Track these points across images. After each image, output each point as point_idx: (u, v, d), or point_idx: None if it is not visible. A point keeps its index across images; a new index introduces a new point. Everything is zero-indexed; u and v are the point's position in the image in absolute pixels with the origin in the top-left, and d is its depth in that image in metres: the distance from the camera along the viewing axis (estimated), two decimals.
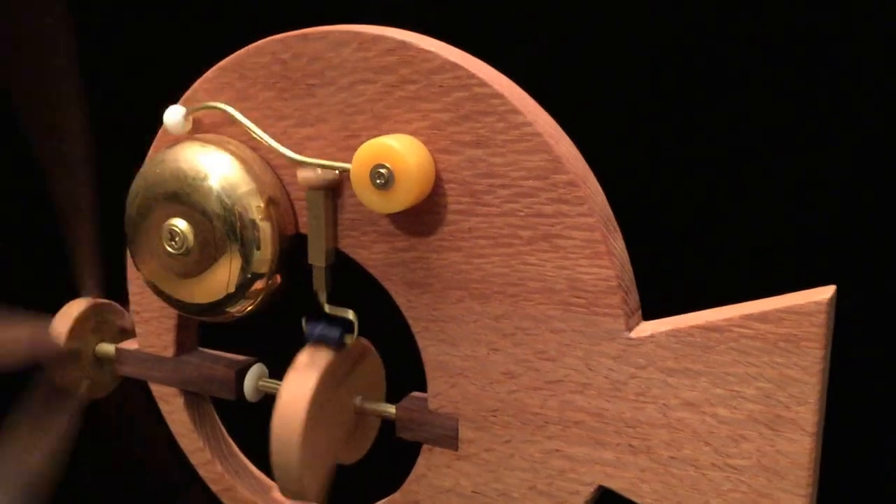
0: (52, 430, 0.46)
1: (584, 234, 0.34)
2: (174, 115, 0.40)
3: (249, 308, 0.40)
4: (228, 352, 0.45)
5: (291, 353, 0.42)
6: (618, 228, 0.35)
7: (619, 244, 0.35)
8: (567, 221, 0.34)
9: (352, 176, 0.36)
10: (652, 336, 0.34)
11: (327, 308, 0.39)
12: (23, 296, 0.46)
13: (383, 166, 0.35)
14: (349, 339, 0.39)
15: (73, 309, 0.46)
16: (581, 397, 0.35)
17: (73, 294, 0.47)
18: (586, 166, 0.35)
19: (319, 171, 0.38)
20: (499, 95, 0.34)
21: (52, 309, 0.46)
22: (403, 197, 0.35)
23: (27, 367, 0.45)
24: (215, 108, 0.39)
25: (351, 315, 0.39)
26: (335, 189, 0.38)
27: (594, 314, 0.35)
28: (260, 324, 0.42)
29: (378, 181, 0.35)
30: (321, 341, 0.39)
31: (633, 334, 0.34)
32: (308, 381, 0.38)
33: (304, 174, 0.38)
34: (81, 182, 0.46)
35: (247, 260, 0.39)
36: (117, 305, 0.48)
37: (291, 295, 0.41)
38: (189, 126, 0.40)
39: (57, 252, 0.47)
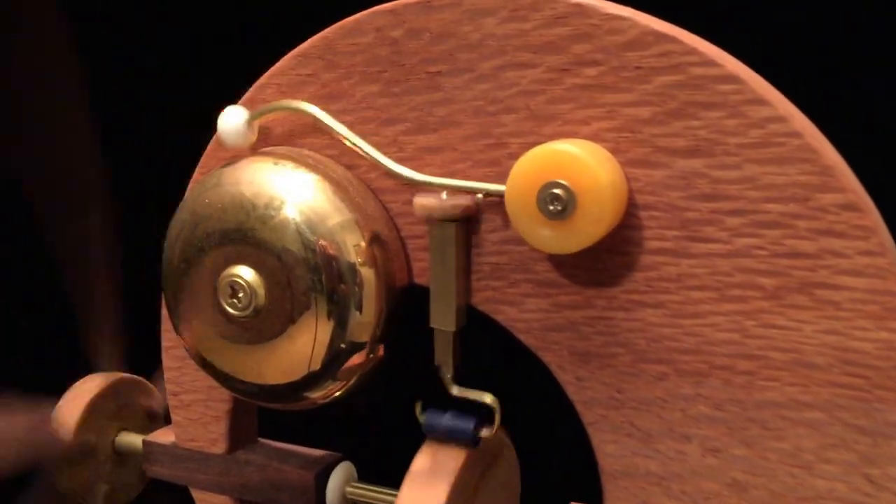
0: None
1: (870, 283, 0.23)
2: (233, 121, 0.29)
3: (338, 393, 0.29)
4: (293, 441, 0.34)
5: (387, 445, 0.31)
6: None
7: None
8: (841, 264, 0.23)
9: (509, 200, 0.24)
10: None
11: (455, 391, 0.27)
12: (23, 370, 0.34)
13: (559, 185, 0.23)
14: (486, 434, 0.28)
15: (86, 389, 0.34)
16: None
17: (85, 368, 0.35)
18: (859, 183, 0.24)
19: (445, 195, 0.26)
20: (733, 78, 0.23)
21: (59, 388, 0.35)
22: (591, 229, 0.24)
23: (24, 468, 0.34)
24: (292, 109, 0.28)
25: (490, 400, 0.27)
26: (469, 220, 0.27)
27: (881, 401, 0.23)
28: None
29: (552, 207, 0.24)
30: (448, 438, 0.28)
31: None
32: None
33: (423, 201, 0.26)
34: (95, 212, 0.34)
35: (341, 324, 0.27)
36: (144, 381, 0.36)
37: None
38: (253, 137, 0.29)
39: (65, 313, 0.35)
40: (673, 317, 0.25)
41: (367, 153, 0.27)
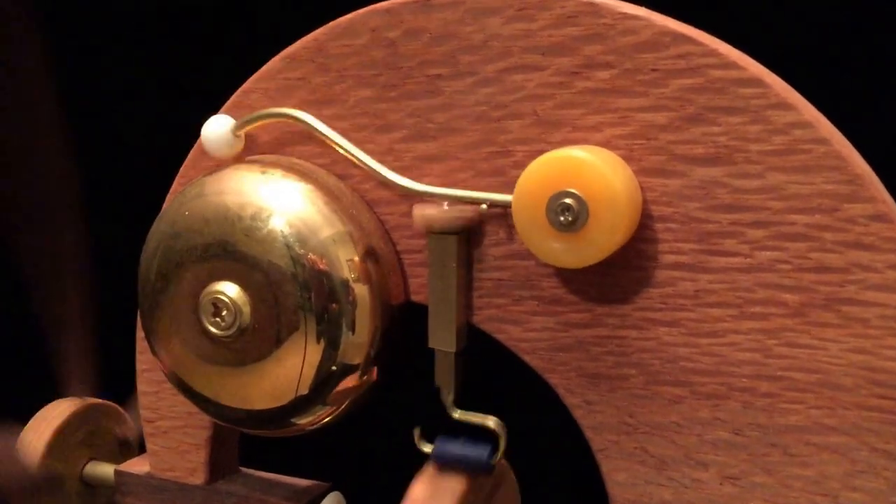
0: None
1: None
2: (218, 129, 0.27)
3: (327, 419, 0.27)
4: (274, 469, 0.32)
5: (379, 472, 0.29)
6: None
7: None
8: (870, 279, 0.22)
9: (516, 211, 0.23)
10: None
11: (457, 414, 0.26)
12: None
13: (570, 194, 0.22)
14: (496, 460, 0.26)
15: (54, 414, 0.32)
16: None
17: (52, 393, 0.33)
18: (888, 193, 0.23)
19: (447, 206, 0.25)
20: (756, 81, 0.22)
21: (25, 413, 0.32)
22: (604, 241, 0.22)
23: None
24: (282, 116, 0.26)
25: (494, 424, 0.26)
26: (471, 233, 0.25)
27: None
28: None
29: (563, 218, 0.22)
30: (460, 464, 0.26)
31: None
32: None
33: (423, 211, 0.25)
34: (65, 227, 0.32)
35: (332, 344, 0.25)
36: (115, 407, 0.34)
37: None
38: (240, 146, 0.27)
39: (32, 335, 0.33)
40: (689, 336, 0.24)
41: (363, 163, 0.26)
